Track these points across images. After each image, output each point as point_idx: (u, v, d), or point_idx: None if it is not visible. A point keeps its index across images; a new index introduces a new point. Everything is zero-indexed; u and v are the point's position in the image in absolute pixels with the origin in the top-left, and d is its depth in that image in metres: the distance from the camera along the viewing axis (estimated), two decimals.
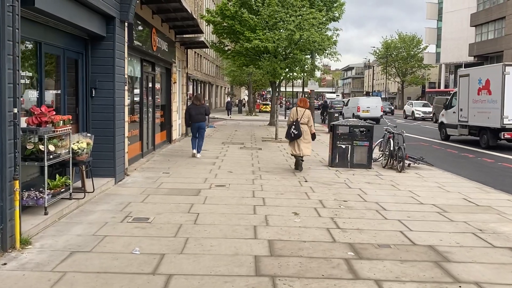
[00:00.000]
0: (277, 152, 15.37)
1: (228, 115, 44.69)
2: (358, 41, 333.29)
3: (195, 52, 53.92)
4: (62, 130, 6.81)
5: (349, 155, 12.37)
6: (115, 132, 9.13)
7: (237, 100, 66.07)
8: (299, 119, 11.30)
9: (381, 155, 13.46)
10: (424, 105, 46.93)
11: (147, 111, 13.33)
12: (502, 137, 17.80)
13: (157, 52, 13.34)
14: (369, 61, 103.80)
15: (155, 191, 8.66)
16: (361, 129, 12.50)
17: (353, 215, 7.29)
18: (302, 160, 11.65)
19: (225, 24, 25.59)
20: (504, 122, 17.38)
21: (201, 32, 17.24)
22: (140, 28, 11.51)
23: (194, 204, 7.69)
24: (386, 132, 13.36)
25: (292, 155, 11.78)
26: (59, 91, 7.93)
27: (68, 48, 8.16)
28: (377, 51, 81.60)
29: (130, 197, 8.10)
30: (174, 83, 16.82)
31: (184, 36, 17.72)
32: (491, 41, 53.08)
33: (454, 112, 21.14)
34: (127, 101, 10.23)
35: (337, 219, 7.04)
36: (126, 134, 10.25)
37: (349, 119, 13.14)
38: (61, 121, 6.77)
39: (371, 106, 33.77)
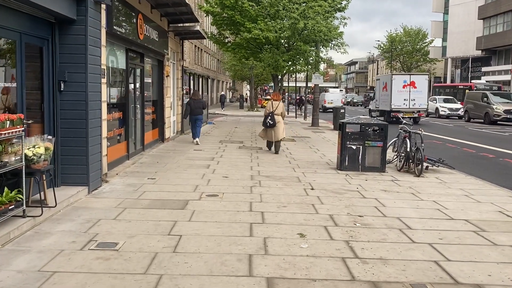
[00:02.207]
0: (280, 153, 13.95)
1: (221, 108, 47.06)
2: (362, 35, 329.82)
3: (195, 45, 52.49)
4: (9, 133, 5.43)
5: (360, 157, 10.98)
6: (89, 133, 7.75)
7: (238, 95, 64.68)
8: (273, 111, 13.35)
9: (395, 156, 12.05)
10: (449, 101, 39.64)
11: (134, 107, 11.94)
12: (391, 116, 28.25)
13: (145, 42, 11.92)
14: (373, 55, 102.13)
15: (133, 203, 7.28)
16: (374, 127, 11.10)
17: (373, 237, 5.91)
18: (278, 143, 13.60)
19: (225, 15, 24.19)
20: (392, 107, 28.66)
21: (197, 20, 15.82)
22: (123, 12, 10.10)
23: (177, 221, 6.31)
24: (402, 131, 11.95)
25: (260, 136, 14.08)
26: (14, 85, 6.54)
27: (27, 32, 6.77)
28: (382, 45, 79.89)
29: (102, 211, 6.73)
30: (167, 76, 15.42)
31: (179, 25, 16.28)
32: (500, 34, 51.47)
33: (374, 102, 33.71)
34: (105, 96, 8.84)
35: (353, 242, 5.65)
36: (105, 134, 8.87)
37: (360, 117, 11.73)
38: (8, 122, 5.39)
39: (334, 99, 45.65)
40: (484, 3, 54.86)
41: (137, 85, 12.36)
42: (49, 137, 6.46)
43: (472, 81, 46.83)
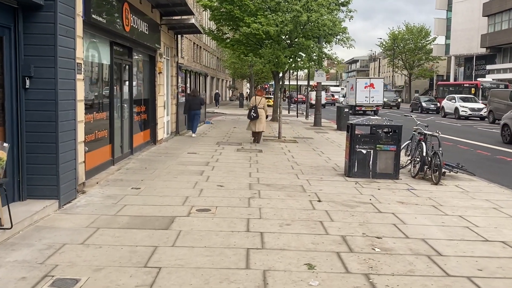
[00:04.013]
0: (281, 156, 12.86)
1: (216, 106, 47.78)
2: (364, 33, 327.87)
3: (193, 43, 51.39)
4: None
5: (371, 162, 9.87)
6: (59, 137, 6.64)
7: (238, 94, 63.54)
8: (257, 105, 15.21)
9: (408, 161, 10.95)
10: (469, 100, 36.18)
11: (120, 106, 10.81)
12: (356, 109, 36.01)
13: (132, 34, 10.80)
14: (374, 53, 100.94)
15: (110, 221, 6.17)
16: (386, 129, 9.99)
17: (398, 268, 4.80)
18: (259, 134, 15.54)
19: (223, 9, 23.05)
20: (356, 103, 36.50)
21: (191, 12, 14.67)
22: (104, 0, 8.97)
23: (158, 247, 5.20)
24: (416, 133, 10.86)
25: (250, 130, 15.71)
26: None
27: None
28: (384, 43, 78.73)
29: (70, 233, 5.62)
30: (159, 73, 14.29)
31: (172, 18, 15.15)
32: (505, 31, 50.30)
33: (345, 99, 42.01)
34: (81, 95, 7.75)
35: (374, 277, 4.55)
36: (81, 138, 7.77)
37: (370, 117, 10.61)
38: None
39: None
40: (488, 0, 53.66)
41: (125, 82, 11.24)
42: (5, 144, 5.34)
43: (478, 79, 45.71)
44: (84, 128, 8.04)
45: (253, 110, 15.13)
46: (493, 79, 43.84)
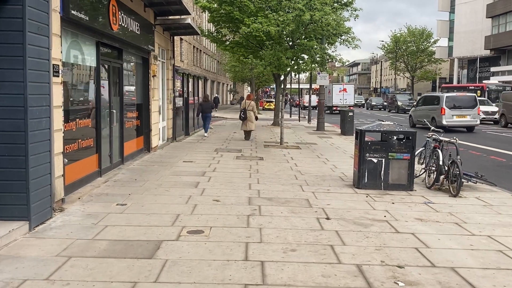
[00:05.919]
0: (283, 164, 11.98)
1: (215, 110, 47.34)
2: (365, 36, 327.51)
3: (193, 46, 50.63)
4: None
5: (382, 172, 8.99)
6: (29, 149, 5.77)
7: (239, 98, 62.75)
8: (246, 108, 17.36)
9: (422, 170, 10.07)
10: (482, 103, 31.89)
11: (109, 112, 9.94)
12: (333, 110, 42.91)
13: (121, 34, 9.94)
14: (376, 56, 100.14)
15: (85, 247, 5.29)
16: (399, 136, 9.11)
17: None
18: (249, 133, 17.71)
19: (222, 11, 22.21)
20: (333, 104, 43.34)
21: (187, 12, 13.82)
22: None
23: (138, 283, 4.32)
24: (430, 139, 9.98)
25: (242, 130, 17.87)
26: None
27: None
28: (386, 45, 77.89)
29: (35, 264, 4.74)
30: (153, 76, 13.43)
31: (167, 18, 14.30)
32: (510, 33, 49.43)
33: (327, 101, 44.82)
34: (59, 100, 6.89)
35: None
36: (59, 149, 6.90)
37: (382, 123, 9.73)
38: None
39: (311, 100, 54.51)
40: (492, 1, 52.82)
41: (114, 86, 10.38)
42: None
43: (484, 81, 44.81)
44: (63, 137, 7.17)
45: (242, 112, 17.39)
46: (498, 81, 42.94)
